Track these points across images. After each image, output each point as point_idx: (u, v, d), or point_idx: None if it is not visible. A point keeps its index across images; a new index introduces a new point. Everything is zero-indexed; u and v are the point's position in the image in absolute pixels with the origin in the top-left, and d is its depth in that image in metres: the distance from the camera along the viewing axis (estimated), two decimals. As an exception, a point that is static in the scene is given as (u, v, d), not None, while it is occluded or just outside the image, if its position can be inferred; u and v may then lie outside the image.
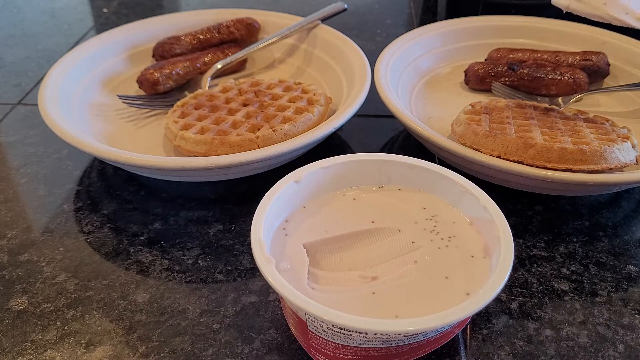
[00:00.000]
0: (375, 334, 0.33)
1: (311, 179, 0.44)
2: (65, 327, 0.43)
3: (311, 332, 0.36)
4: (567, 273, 0.47)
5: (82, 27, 0.96)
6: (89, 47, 0.71)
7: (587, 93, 0.68)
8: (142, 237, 0.52)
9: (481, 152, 0.52)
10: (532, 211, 0.54)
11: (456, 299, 0.36)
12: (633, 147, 0.53)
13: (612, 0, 0.54)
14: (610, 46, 0.72)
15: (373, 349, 0.35)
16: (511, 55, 0.72)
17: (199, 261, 0.49)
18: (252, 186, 0.57)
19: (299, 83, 0.66)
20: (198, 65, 0.72)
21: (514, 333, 0.42)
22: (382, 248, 0.41)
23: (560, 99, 0.67)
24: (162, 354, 0.41)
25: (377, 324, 0.32)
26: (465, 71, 0.71)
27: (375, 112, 0.67)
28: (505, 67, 0.69)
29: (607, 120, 0.57)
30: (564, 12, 0.67)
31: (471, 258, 0.39)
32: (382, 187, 0.46)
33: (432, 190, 0.45)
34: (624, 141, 0.52)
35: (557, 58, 0.70)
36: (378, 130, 0.67)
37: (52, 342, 0.42)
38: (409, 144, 0.64)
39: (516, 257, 0.37)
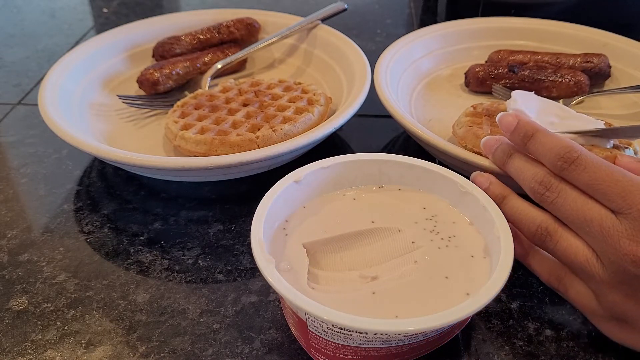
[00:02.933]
0: (375, 334, 0.33)
1: (311, 179, 0.44)
2: (65, 327, 0.43)
3: (311, 332, 0.36)
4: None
5: (82, 27, 0.96)
6: (89, 47, 0.71)
7: (588, 95, 0.68)
8: (142, 237, 0.52)
9: (482, 155, 0.51)
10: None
11: (456, 299, 0.36)
12: (635, 153, 0.52)
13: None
14: (611, 48, 0.72)
15: (373, 349, 0.35)
16: (512, 57, 0.72)
17: (199, 261, 0.49)
18: (252, 186, 0.57)
19: (299, 83, 0.66)
20: (198, 65, 0.72)
21: (514, 333, 0.42)
22: (382, 248, 0.41)
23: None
24: (162, 354, 0.41)
25: (377, 324, 0.32)
26: (465, 73, 0.71)
27: (375, 112, 0.67)
28: (506, 69, 0.69)
29: (611, 125, 0.56)
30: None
31: (471, 258, 0.39)
32: (382, 187, 0.46)
33: (432, 190, 0.45)
34: (626, 147, 0.52)
35: (558, 60, 0.70)
36: (378, 130, 0.67)
37: (52, 342, 0.42)
38: (410, 144, 0.64)
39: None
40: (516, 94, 0.52)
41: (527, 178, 0.41)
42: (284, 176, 0.43)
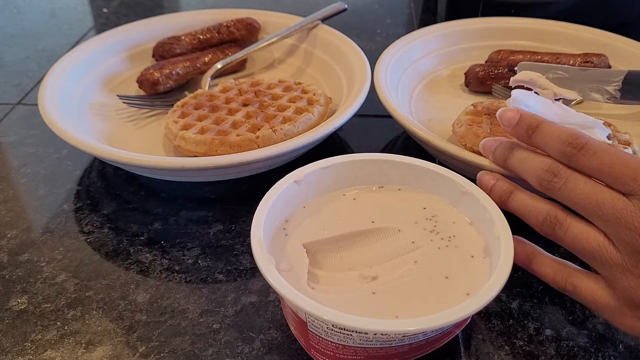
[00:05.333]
0: (375, 334, 0.33)
1: (311, 179, 0.44)
2: (65, 327, 0.43)
3: (311, 332, 0.36)
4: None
5: (82, 27, 0.96)
6: (89, 47, 0.71)
7: (588, 95, 0.68)
8: (142, 237, 0.52)
9: (482, 154, 0.51)
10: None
11: (456, 299, 0.36)
12: (634, 153, 0.52)
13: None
14: (611, 48, 0.72)
15: (373, 349, 0.35)
16: (512, 57, 0.71)
17: (199, 261, 0.49)
18: (252, 186, 0.57)
19: (299, 83, 0.66)
20: (198, 65, 0.72)
21: (514, 333, 0.42)
22: (382, 248, 0.41)
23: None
24: (162, 354, 0.41)
25: (377, 324, 0.32)
26: (465, 73, 0.71)
27: (375, 112, 0.67)
28: (506, 69, 0.69)
29: (610, 125, 0.56)
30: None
31: (471, 258, 0.39)
32: (382, 187, 0.46)
33: (432, 190, 0.45)
34: (625, 147, 0.52)
35: (558, 60, 0.70)
36: (378, 130, 0.67)
37: (52, 342, 0.42)
38: (410, 144, 0.64)
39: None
40: (516, 92, 0.52)
41: (533, 167, 0.40)
42: (284, 176, 0.43)
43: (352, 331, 0.33)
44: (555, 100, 0.55)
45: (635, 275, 0.35)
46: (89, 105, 0.66)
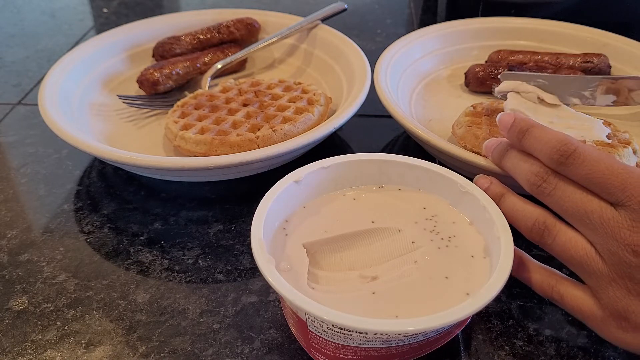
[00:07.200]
0: (375, 334, 0.33)
1: (311, 179, 0.44)
2: (65, 327, 0.43)
3: (311, 332, 0.36)
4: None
5: (82, 27, 0.96)
6: (89, 47, 0.71)
7: (588, 95, 0.68)
8: (142, 237, 0.52)
9: (481, 155, 0.51)
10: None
11: (456, 299, 0.36)
12: (634, 152, 0.52)
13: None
14: (611, 48, 0.72)
15: (373, 349, 0.35)
16: (512, 57, 0.72)
17: (199, 261, 0.49)
18: (252, 186, 0.57)
19: (299, 83, 0.66)
20: (198, 65, 0.72)
21: (514, 333, 0.42)
22: (382, 248, 0.41)
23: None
24: (162, 354, 0.41)
25: (377, 324, 0.32)
26: (465, 73, 0.71)
27: (375, 112, 0.67)
28: (506, 69, 0.68)
29: (610, 125, 0.56)
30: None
31: (471, 258, 0.39)
32: (382, 187, 0.46)
33: (432, 190, 0.45)
34: (625, 147, 0.52)
35: (557, 60, 0.70)
36: (378, 130, 0.67)
37: (52, 342, 0.42)
38: (410, 144, 0.64)
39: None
40: (513, 93, 0.53)
41: (524, 170, 0.40)
42: (284, 176, 0.43)
43: (352, 331, 0.33)
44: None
45: (620, 285, 0.35)
46: (89, 105, 0.66)
